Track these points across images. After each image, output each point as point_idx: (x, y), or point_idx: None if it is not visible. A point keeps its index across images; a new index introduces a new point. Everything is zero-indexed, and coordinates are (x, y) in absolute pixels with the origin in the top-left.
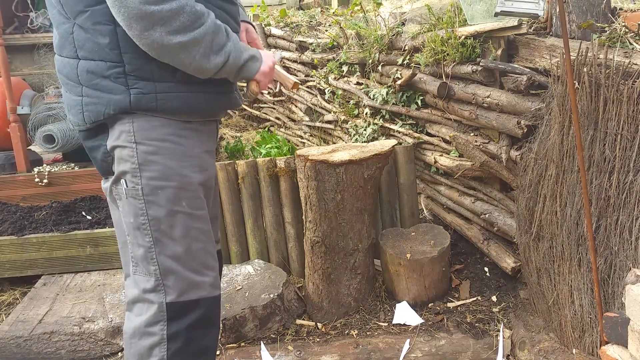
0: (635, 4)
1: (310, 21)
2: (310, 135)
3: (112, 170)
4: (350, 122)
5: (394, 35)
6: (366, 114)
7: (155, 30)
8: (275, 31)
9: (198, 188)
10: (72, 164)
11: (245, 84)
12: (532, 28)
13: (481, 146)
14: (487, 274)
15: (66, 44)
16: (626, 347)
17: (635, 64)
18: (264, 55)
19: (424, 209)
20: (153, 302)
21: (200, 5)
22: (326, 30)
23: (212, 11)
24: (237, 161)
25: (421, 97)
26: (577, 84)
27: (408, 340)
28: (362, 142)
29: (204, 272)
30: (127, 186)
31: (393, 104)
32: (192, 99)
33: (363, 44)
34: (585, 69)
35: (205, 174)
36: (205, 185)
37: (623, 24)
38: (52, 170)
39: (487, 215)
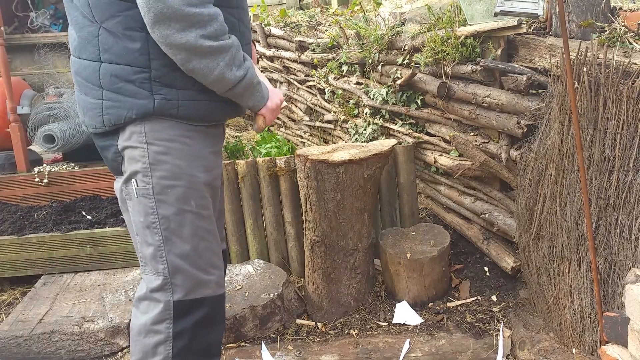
0: (634, 3)
1: (310, 21)
2: (310, 135)
3: (122, 170)
4: (350, 122)
5: (393, 35)
6: (366, 113)
7: (191, 31)
8: (275, 31)
9: (204, 188)
10: (72, 164)
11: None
12: (532, 28)
13: (481, 146)
14: (487, 273)
15: (88, 47)
16: (626, 346)
17: (635, 64)
18: (272, 91)
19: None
20: (159, 300)
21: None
22: (326, 30)
23: (231, 20)
24: (237, 161)
25: (421, 97)
26: (576, 83)
27: (408, 340)
28: (362, 142)
29: (210, 271)
30: (137, 185)
31: (393, 103)
32: (208, 107)
33: (363, 43)
34: (585, 69)
35: (211, 174)
36: (211, 185)
37: (623, 23)
38: (52, 170)
39: (487, 215)
